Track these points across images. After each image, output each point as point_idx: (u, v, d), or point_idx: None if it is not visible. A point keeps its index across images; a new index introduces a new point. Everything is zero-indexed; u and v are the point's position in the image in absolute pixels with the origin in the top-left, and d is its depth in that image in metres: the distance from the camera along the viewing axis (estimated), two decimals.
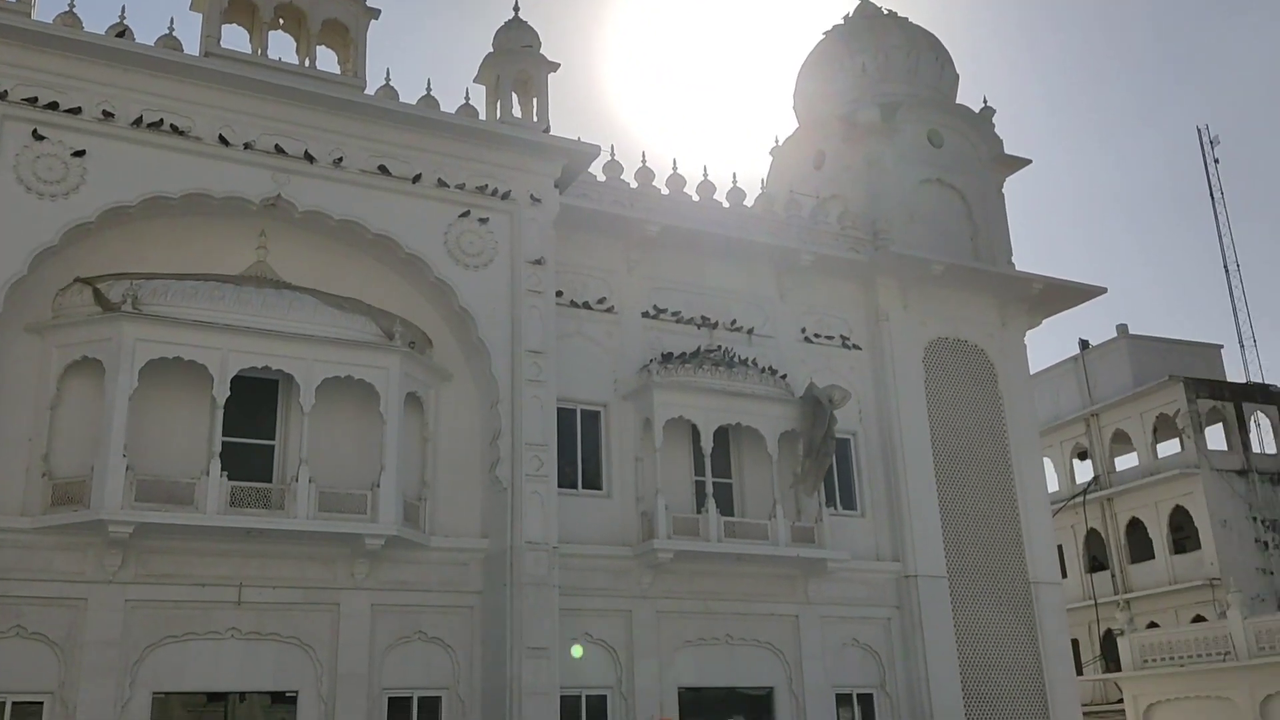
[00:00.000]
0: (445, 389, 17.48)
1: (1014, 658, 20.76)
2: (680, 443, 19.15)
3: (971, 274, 22.38)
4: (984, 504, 21.57)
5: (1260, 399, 33.89)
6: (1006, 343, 22.97)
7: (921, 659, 19.72)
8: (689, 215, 20.44)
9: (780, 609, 19.21)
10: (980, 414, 22.22)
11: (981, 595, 20.87)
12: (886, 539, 20.58)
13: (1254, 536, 31.48)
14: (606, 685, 17.62)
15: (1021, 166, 24.43)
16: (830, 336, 21.51)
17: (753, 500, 19.60)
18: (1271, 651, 23.67)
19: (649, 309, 19.88)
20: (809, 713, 18.69)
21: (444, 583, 16.65)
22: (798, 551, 18.79)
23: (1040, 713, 20.52)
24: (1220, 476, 31.76)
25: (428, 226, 17.17)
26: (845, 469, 20.86)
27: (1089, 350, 36.96)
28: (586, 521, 18.02)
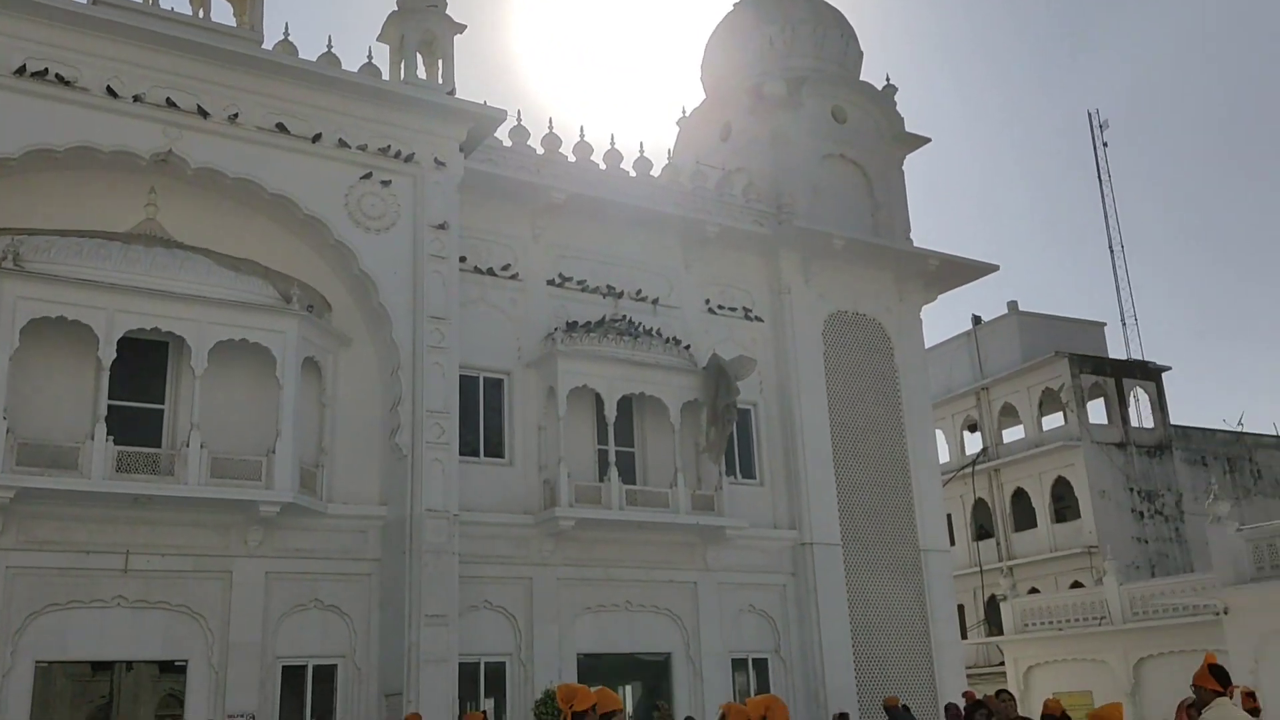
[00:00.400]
0: (344, 354, 17.18)
1: (903, 622, 21.44)
2: (584, 411, 19.19)
3: (871, 249, 22.83)
4: (878, 474, 22.15)
5: (1139, 375, 35.42)
6: (903, 317, 23.53)
7: (815, 624, 20.23)
8: (595, 184, 20.38)
9: (679, 576, 19.47)
10: (876, 386, 22.75)
11: (874, 562, 21.47)
12: (784, 507, 21.00)
13: (1130, 506, 32.98)
14: (505, 652, 17.68)
15: (921, 144, 24.95)
16: (734, 308, 21.75)
17: (655, 469, 19.78)
18: (1144, 616, 24.90)
19: (554, 277, 19.81)
20: (705, 678, 19.04)
21: (342, 550, 16.44)
22: (698, 519, 19.05)
23: (926, 675, 21.26)
24: (1100, 449, 33.15)
25: (328, 188, 16.77)
26: (745, 439, 21.19)
27: (981, 326, 38.10)
28: (488, 489, 17.97)
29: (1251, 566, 19.76)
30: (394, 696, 15.57)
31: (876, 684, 20.56)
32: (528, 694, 17.14)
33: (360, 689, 16.09)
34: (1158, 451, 34.16)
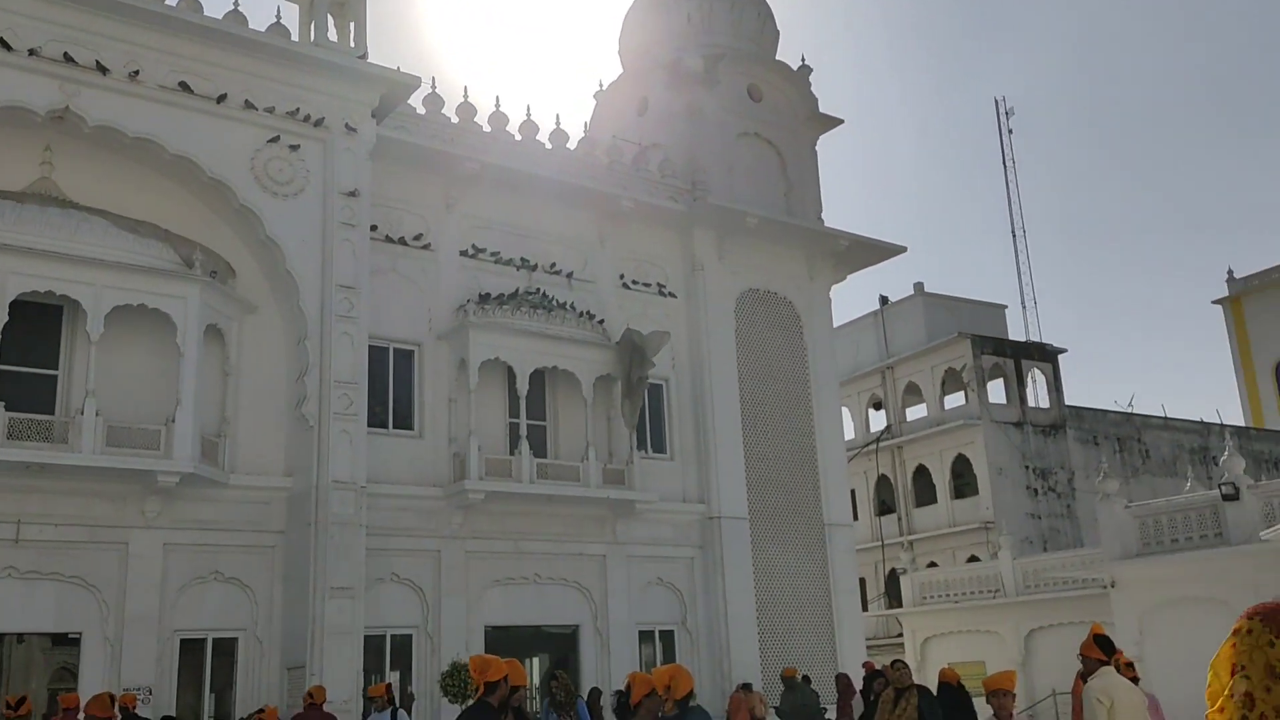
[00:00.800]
0: (249, 322, 16.78)
1: (807, 595, 21.90)
2: (495, 384, 19.10)
3: (784, 228, 23.09)
4: (785, 449, 22.52)
5: (1038, 357, 36.57)
6: (813, 296, 23.89)
7: (721, 596, 20.54)
8: (511, 155, 20.20)
9: (589, 549, 19.58)
10: (786, 363, 23.09)
11: (779, 536, 21.86)
12: (693, 481, 21.23)
13: (1025, 484, 34.11)
14: (412, 625, 17.58)
15: (834, 126, 25.27)
16: (648, 284, 21.82)
17: (566, 443, 19.81)
18: (1036, 589, 25.83)
19: (467, 248, 19.62)
20: (612, 649, 19.22)
21: (244, 522, 16.12)
22: (608, 493, 19.15)
23: (828, 646, 21.78)
24: (998, 428, 34.19)
25: (233, 150, 16.31)
26: (657, 414, 21.34)
27: (888, 306, 38.88)
28: (396, 461, 17.79)
29: (1138, 542, 20.63)
30: (297, 670, 15.38)
31: (780, 655, 20.98)
32: (434, 666, 17.09)
33: (262, 662, 15.85)
34: (1052, 431, 35.37)
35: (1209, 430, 38.58)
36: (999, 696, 6.20)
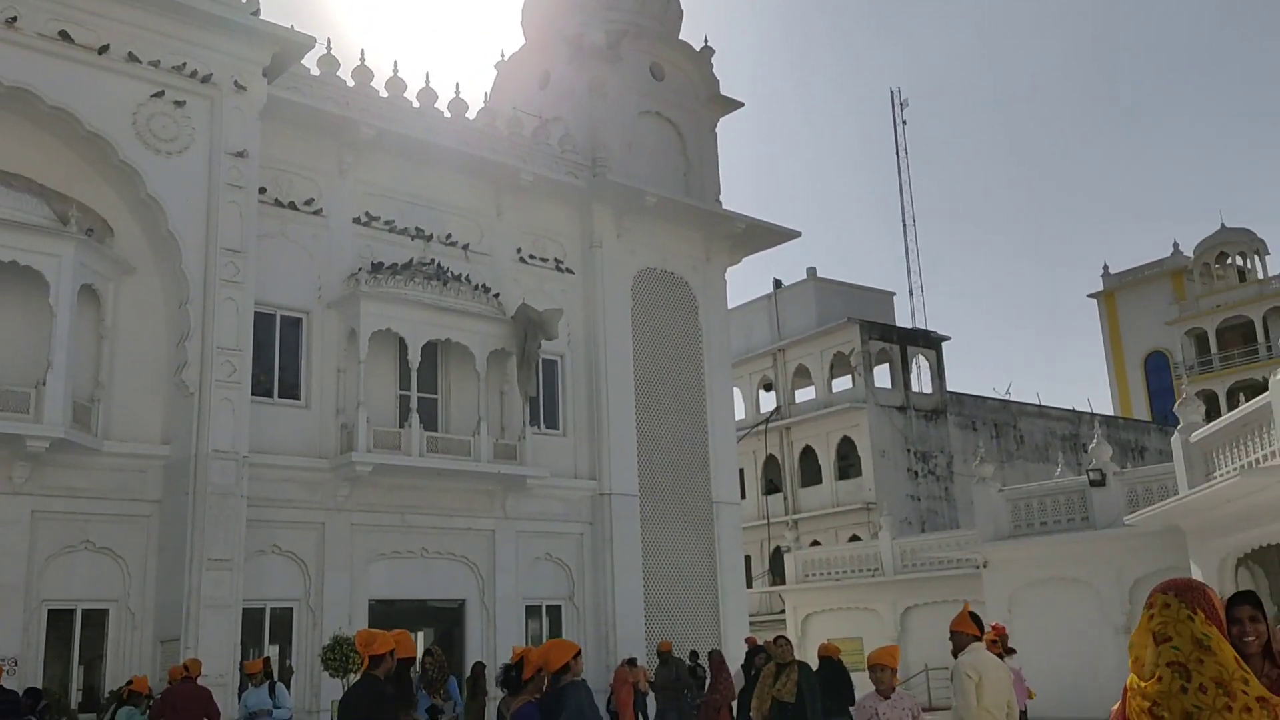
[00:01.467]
0: (127, 283, 16.14)
1: (693, 571, 22.20)
2: (386, 355, 18.79)
3: (682, 209, 23.21)
4: (677, 428, 22.73)
5: (922, 343, 37.65)
6: (709, 277, 24.10)
7: (609, 572, 20.68)
8: (408, 122, 19.82)
9: (478, 524, 19.47)
10: (680, 343, 23.28)
11: (668, 513, 22.09)
12: (585, 458, 21.27)
13: (907, 466, 35.16)
14: (293, 598, 17.25)
15: (735, 109, 25.47)
16: (545, 259, 21.71)
17: (458, 417, 19.62)
18: (913, 569, 26.67)
19: (360, 215, 19.21)
20: (498, 624, 19.18)
21: (118, 490, 15.55)
22: (499, 468, 19.05)
23: (712, 621, 22.13)
24: (883, 411, 35.12)
25: (114, 104, 15.62)
26: (551, 390, 21.29)
27: (781, 290, 39.50)
28: (281, 431, 17.38)
29: (1009, 524, 21.46)
30: (170, 642, 14.95)
31: (665, 630, 21.24)
32: (316, 640, 16.80)
33: (134, 634, 15.36)
34: (934, 415, 36.50)
35: (1080, 419, 40.32)
36: (880, 671, 6.40)
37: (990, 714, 6.89)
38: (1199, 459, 15.32)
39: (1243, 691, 2.50)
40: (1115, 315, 53.54)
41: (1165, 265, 52.01)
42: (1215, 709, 2.51)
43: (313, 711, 16.63)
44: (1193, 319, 49.68)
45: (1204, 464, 15.14)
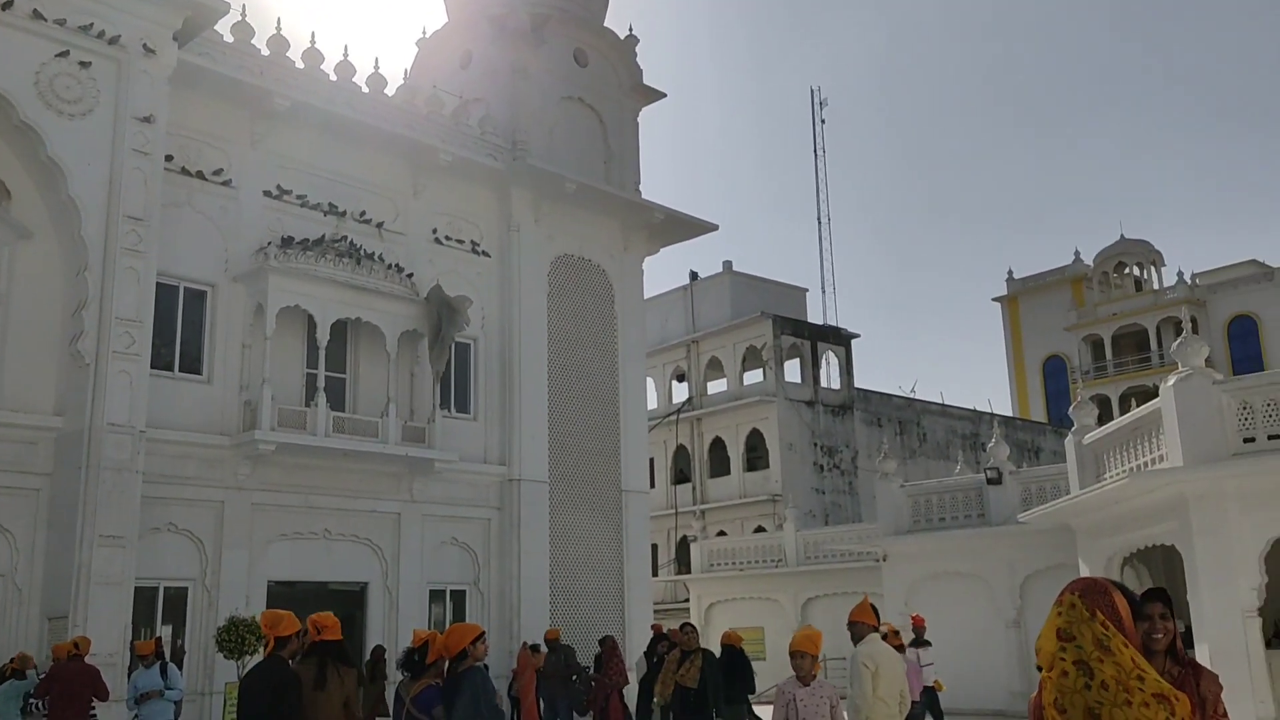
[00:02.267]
0: (22, 248, 15.51)
1: (600, 559, 22.26)
2: (294, 333, 18.41)
3: (602, 196, 23.18)
4: (589, 416, 22.74)
5: (833, 340, 38.30)
6: (626, 266, 24.13)
7: (516, 558, 20.61)
8: (324, 95, 19.40)
9: (383, 506, 19.22)
10: (595, 331, 23.27)
11: (577, 500, 22.10)
12: (496, 443, 21.15)
13: (813, 460, 35.76)
14: (189, 577, 16.82)
15: (657, 99, 25.51)
16: (461, 241, 21.49)
17: (366, 397, 19.33)
18: (815, 561, 27.17)
19: (272, 188, 18.76)
20: (401, 608, 18.98)
21: (8, 462, 14.94)
22: (407, 451, 18.83)
23: (617, 608, 22.23)
24: (792, 406, 35.65)
25: (16, 61, 14.95)
26: (463, 373, 21.10)
27: (697, 282, 39.78)
28: (181, 407, 16.91)
29: (909, 519, 21.98)
30: (58, 620, 14.45)
31: (570, 617, 21.26)
32: (211, 621, 16.42)
33: (20, 611, 14.79)
34: (841, 411, 37.17)
35: (980, 418, 41.47)
36: (801, 658, 6.50)
37: (885, 703, 7.10)
38: (1090, 461, 15.88)
39: (1139, 689, 2.63)
40: (1018, 319, 55.13)
41: (1067, 273, 53.72)
42: (1116, 704, 2.64)
43: (205, 693, 16.26)
44: (1090, 325, 51.41)
45: (1095, 466, 15.70)
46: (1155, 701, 2.64)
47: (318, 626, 6.24)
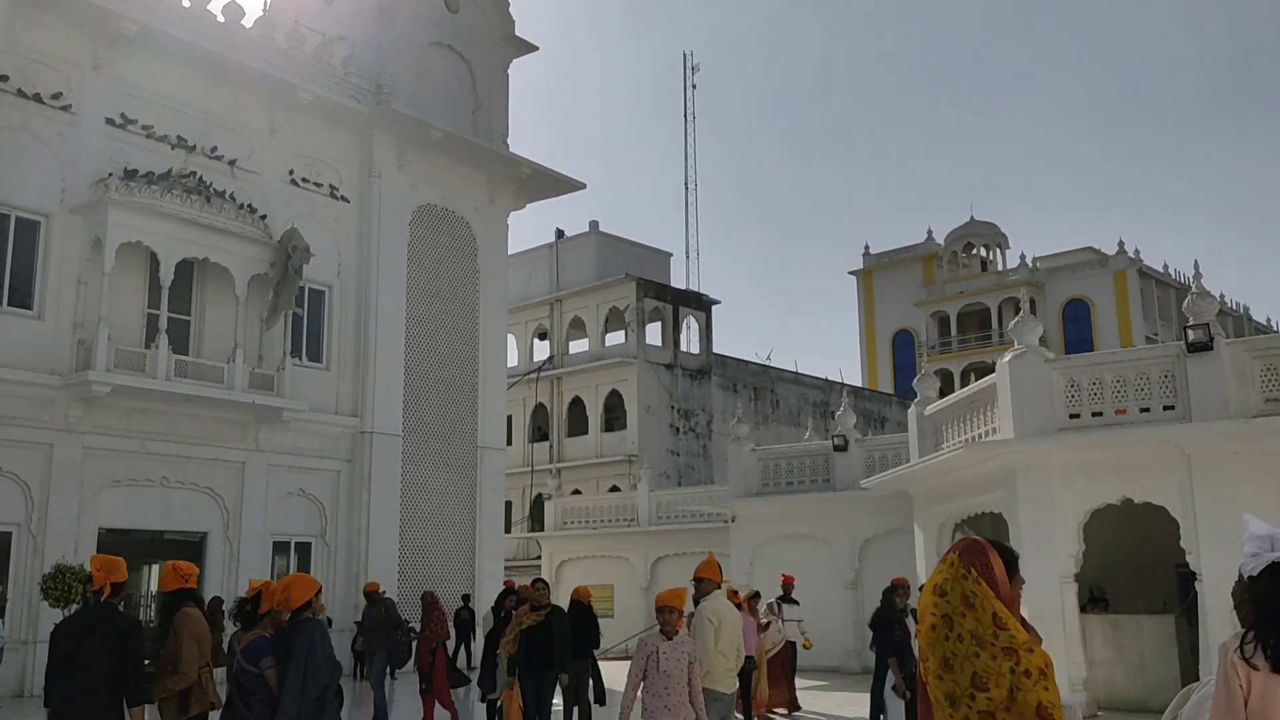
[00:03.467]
0: None
1: (453, 514, 22.12)
2: (135, 270, 17.54)
3: (469, 147, 22.77)
4: (447, 370, 22.46)
5: (694, 305, 38.76)
6: (491, 220, 23.82)
7: (365, 511, 20.28)
8: (176, 21, 18.39)
9: (227, 455, 18.60)
10: (457, 284, 22.94)
11: (431, 455, 21.86)
12: (348, 394, 20.69)
13: (670, 422, 36.25)
14: (13, 522, 15.97)
15: (529, 52, 25.15)
16: (319, 184, 20.81)
17: (212, 341, 18.60)
18: (667, 521, 27.59)
19: (115, 117, 17.75)
20: (242, 559, 18.46)
21: None
22: (254, 398, 18.24)
23: (468, 565, 22.16)
24: (651, 368, 36.00)
25: None
26: (316, 321, 20.51)
27: (563, 240, 39.60)
28: (8, 343, 15.99)
29: (759, 482, 22.52)
30: None
31: (420, 572, 21.10)
32: (36, 568, 15.63)
33: None
34: (699, 375, 37.74)
35: (831, 388, 42.74)
36: (668, 613, 6.62)
37: (724, 656, 7.35)
38: (930, 431, 16.56)
39: (991, 642, 2.78)
40: (871, 293, 56.91)
41: (919, 250, 55.64)
42: (967, 656, 2.80)
43: (28, 642, 15.51)
44: (938, 302, 53.49)
45: (934, 436, 16.38)
46: (1003, 654, 2.79)
47: (182, 574, 6.05)
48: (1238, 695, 2.59)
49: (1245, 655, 2.59)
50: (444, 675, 12.25)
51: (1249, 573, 2.71)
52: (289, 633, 5.60)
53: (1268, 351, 12.31)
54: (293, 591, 5.68)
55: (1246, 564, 2.73)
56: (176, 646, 5.86)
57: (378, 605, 13.33)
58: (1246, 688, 2.59)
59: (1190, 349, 12.31)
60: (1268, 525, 2.79)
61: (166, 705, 5.85)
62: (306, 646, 5.50)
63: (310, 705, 5.47)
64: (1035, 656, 2.80)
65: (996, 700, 2.72)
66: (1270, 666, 2.55)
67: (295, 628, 5.58)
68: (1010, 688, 2.75)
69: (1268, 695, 2.55)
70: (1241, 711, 2.59)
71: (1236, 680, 2.60)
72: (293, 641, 5.54)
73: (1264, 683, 2.56)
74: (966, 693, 2.76)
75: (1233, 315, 53.70)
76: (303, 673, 5.46)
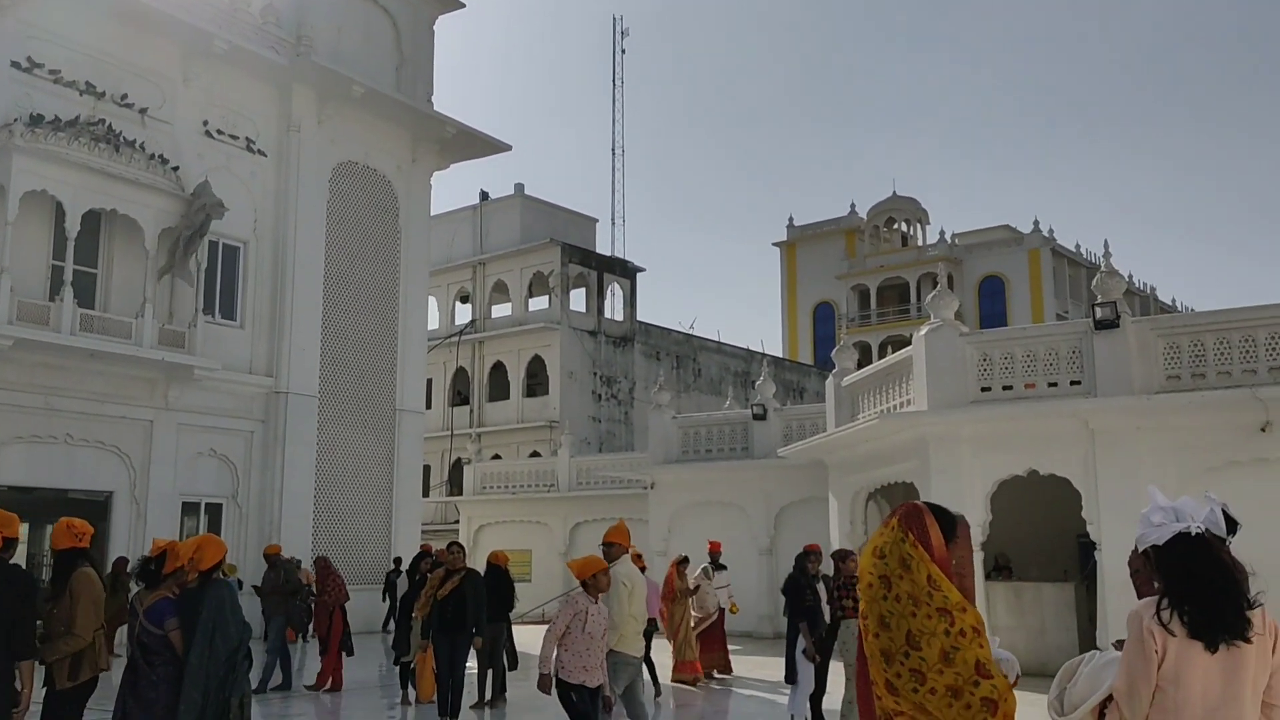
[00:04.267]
0: None
1: (369, 477, 21.87)
2: (39, 220, 16.89)
3: (391, 104, 22.32)
4: (366, 331, 22.12)
5: (619, 272, 38.70)
6: (414, 179, 23.43)
7: (279, 472, 19.94)
8: None
9: (134, 413, 18.11)
10: (377, 244, 22.56)
11: (348, 417, 21.56)
12: (263, 353, 20.27)
13: (592, 389, 36.25)
14: None
15: (455, 9, 24.68)
16: (235, 136, 20.23)
17: (120, 296, 18.03)
18: (586, 486, 27.66)
19: (21, 60, 17.01)
20: (149, 519, 18.03)
21: None
22: (163, 355, 17.76)
23: (384, 528, 21.96)
24: (575, 334, 35.91)
25: None
26: (230, 278, 20.01)
27: (487, 202, 39.15)
28: None
29: (679, 450, 22.68)
30: None
31: (335, 535, 20.86)
32: None
33: None
34: (622, 343, 37.76)
35: (753, 357, 43.14)
36: (599, 576, 6.75)
37: (635, 620, 7.45)
38: (847, 401, 16.82)
39: (926, 603, 2.91)
40: (794, 265, 57.45)
41: (842, 224, 56.27)
42: (903, 615, 2.92)
43: None
44: (859, 276, 54.23)
45: (851, 406, 16.65)
46: (938, 615, 2.90)
47: (76, 532, 5.87)
48: (1153, 659, 2.72)
49: (1163, 621, 2.72)
50: (338, 641, 12.19)
51: (1155, 542, 2.84)
52: (196, 594, 5.49)
53: (1171, 330, 12.72)
54: (205, 552, 5.56)
55: (1151, 534, 2.86)
56: (71, 608, 5.70)
57: (277, 569, 13.16)
58: (1162, 652, 2.72)
59: (1097, 326, 12.67)
60: (1170, 499, 2.91)
61: (57, 668, 5.69)
62: (215, 608, 5.40)
63: (220, 667, 5.38)
64: (968, 616, 2.92)
65: (929, 659, 2.84)
66: (1187, 631, 2.69)
67: (203, 589, 5.47)
68: (942, 648, 2.87)
69: (1182, 658, 2.69)
70: (1154, 674, 2.72)
71: (1153, 644, 2.72)
72: (200, 603, 5.44)
73: (1179, 647, 2.69)
74: (901, 650, 2.88)
75: (1140, 295, 55.42)
76: (210, 635, 5.36)
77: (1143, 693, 2.73)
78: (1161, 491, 3.02)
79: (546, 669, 6.61)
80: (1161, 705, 2.72)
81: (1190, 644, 2.69)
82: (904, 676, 2.87)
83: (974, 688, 2.84)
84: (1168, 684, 2.71)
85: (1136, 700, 2.73)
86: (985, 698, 2.83)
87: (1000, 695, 2.84)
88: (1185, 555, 2.77)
